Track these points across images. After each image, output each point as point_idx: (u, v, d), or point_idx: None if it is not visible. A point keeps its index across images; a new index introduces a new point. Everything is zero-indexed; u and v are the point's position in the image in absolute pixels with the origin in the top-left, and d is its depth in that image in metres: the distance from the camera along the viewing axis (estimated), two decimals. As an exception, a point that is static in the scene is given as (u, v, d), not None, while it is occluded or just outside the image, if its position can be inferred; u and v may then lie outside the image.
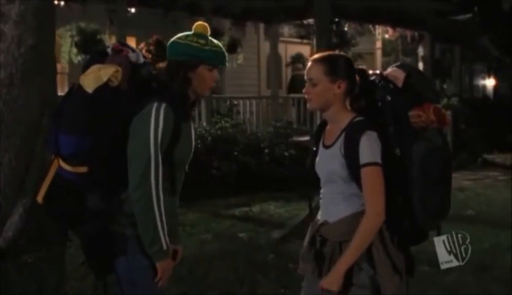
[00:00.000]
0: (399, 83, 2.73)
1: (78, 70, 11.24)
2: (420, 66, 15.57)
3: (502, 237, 7.03)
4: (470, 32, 17.96)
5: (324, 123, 2.91)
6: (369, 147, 2.64)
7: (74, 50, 10.77)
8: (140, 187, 2.67)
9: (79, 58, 10.71)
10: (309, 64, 2.82)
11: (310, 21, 13.77)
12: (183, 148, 2.83)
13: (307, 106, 2.87)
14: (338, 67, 2.76)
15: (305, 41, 14.79)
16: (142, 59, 2.88)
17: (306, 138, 12.95)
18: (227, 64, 2.97)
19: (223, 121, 11.61)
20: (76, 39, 10.71)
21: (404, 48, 16.02)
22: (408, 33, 15.35)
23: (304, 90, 2.82)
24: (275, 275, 5.62)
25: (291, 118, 13.48)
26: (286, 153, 11.66)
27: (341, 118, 2.78)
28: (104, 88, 2.72)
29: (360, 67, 2.91)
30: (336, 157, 2.73)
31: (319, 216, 2.89)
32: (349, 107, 2.81)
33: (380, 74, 2.80)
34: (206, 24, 2.90)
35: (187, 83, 2.81)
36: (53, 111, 6.61)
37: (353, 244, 2.64)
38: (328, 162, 2.77)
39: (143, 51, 11.09)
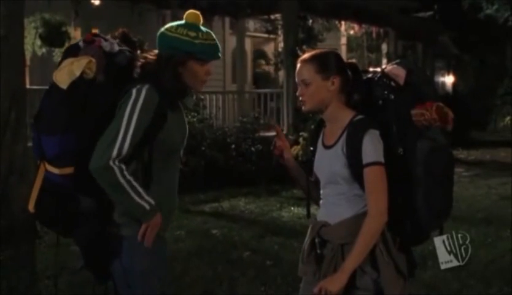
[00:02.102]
0: (401, 81, 2.67)
1: (40, 63, 11.02)
2: (385, 62, 15.71)
3: (473, 233, 7.11)
4: (432, 30, 18.23)
5: (321, 123, 2.83)
6: (372, 147, 2.58)
7: (38, 42, 10.51)
8: (98, 160, 2.53)
9: (43, 50, 10.45)
10: (299, 65, 2.74)
11: (277, 16, 13.74)
12: (175, 135, 2.73)
13: (303, 108, 2.76)
14: (329, 64, 2.69)
15: (271, 36, 14.77)
16: (116, 48, 2.73)
17: (273, 133, 12.93)
18: (220, 55, 2.82)
19: (189, 116, 11.48)
20: (40, 30, 10.45)
21: (369, 45, 16.14)
22: (374, 29, 15.47)
23: (297, 93, 2.74)
24: (254, 273, 5.56)
25: (258, 114, 13.41)
26: (253, 149, 11.62)
27: (340, 117, 2.70)
28: (79, 82, 2.58)
29: (351, 61, 2.85)
30: (338, 157, 2.65)
31: (319, 217, 2.81)
32: (347, 104, 2.74)
33: (382, 71, 2.73)
34: (198, 13, 2.76)
35: (177, 78, 2.70)
36: (21, 105, 6.50)
37: (357, 246, 2.58)
38: (330, 163, 2.69)
39: (109, 44, 10.87)
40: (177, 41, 2.68)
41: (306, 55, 2.76)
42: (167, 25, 2.76)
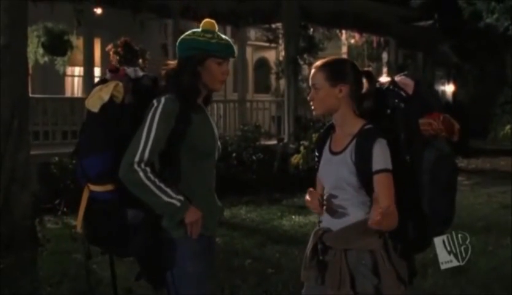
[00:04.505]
0: (410, 91, 2.74)
1: (42, 72, 10.99)
2: (385, 71, 15.77)
3: (473, 241, 7.10)
4: (432, 39, 18.28)
5: (330, 128, 2.89)
6: (382, 155, 2.65)
7: (40, 51, 10.56)
8: (123, 166, 2.68)
9: (45, 58, 10.48)
10: (312, 70, 2.85)
11: (278, 25, 13.80)
12: (205, 137, 2.85)
13: (313, 112, 2.87)
14: (338, 72, 2.77)
15: (273, 45, 14.81)
16: (140, 73, 2.92)
17: (274, 142, 12.97)
18: (235, 55, 2.98)
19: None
20: (43, 39, 10.50)
21: (369, 54, 16.21)
22: (374, 39, 15.54)
23: (308, 96, 2.83)
24: (255, 280, 5.58)
25: (259, 122, 13.45)
26: (254, 157, 11.65)
27: (350, 123, 2.77)
28: (109, 106, 2.76)
29: (366, 69, 2.91)
30: (346, 164, 2.71)
31: (322, 223, 2.85)
32: (357, 112, 2.79)
33: (393, 81, 2.80)
34: (213, 21, 2.92)
35: (196, 77, 2.83)
36: (23, 114, 6.51)
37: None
38: (337, 169, 2.75)
39: (111, 52, 10.95)
40: (195, 41, 2.85)
41: (319, 62, 2.86)
42: (185, 33, 2.93)
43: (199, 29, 2.88)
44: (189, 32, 2.91)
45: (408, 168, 2.67)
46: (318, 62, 2.85)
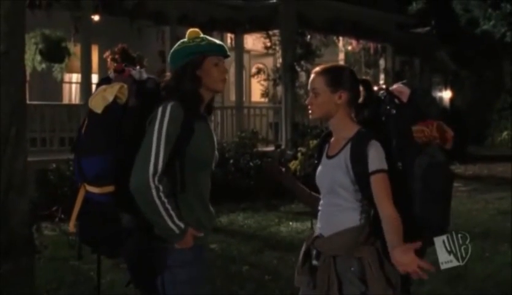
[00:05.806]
0: (404, 98, 2.76)
1: (40, 79, 10.95)
2: (382, 77, 15.81)
3: (471, 247, 7.12)
4: (429, 45, 18.34)
5: (327, 136, 2.92)
6: (377, 156, 2.66)
7: (38, 58, 10.56)
8: (138, 179, 2.63)
9: (43, 65, 10.48)
10: (312, 75, 2.86)
11: (276, 31, 13.84)
12: (205, 147, 2.83)
13: (310, 116, 2.88)
14: (339, 78, 2.80)
15: (270, 52, 14.84)
16: (145, 75, 2.90)
17: (271, 148, 12.98)
18: (229, 54, 2.97)
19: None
20: (40, 46, 10.50)
21: (366, 60, 16.26)
22: (371, 45, 15.58)
23: (307, 101, 2.85)
24: (253, 287, 5.59)
25: (256, 129, 13.46)
26: (251, 164, 11.65)
27: (346, 128, 2.80)
28: (113, 107, 2.74)
29: (364, 78, 2.94)
30: (340, 167, 2.73)
31: (316, 229, 2.88)
32: (354, 119, 2.82)
33: (386, 89, 2.82)
34: (197, 30, 2.94)
35: (197, 81, 2.82)
36: (21, 121, 6.51)
37: (391, 236, 2.56)
38: (331, 172, 2.77)
39: (109, 59, 10.96)
40: (187, 48, 2.85)
41: (320, 67, 2.88)
42: (174, 46, 2.93)
43: (186, 39, 2.89)
44: (178, 43, 2.91)
45: (400, 174, 2.68)
46: (319, 68, 2.87)
